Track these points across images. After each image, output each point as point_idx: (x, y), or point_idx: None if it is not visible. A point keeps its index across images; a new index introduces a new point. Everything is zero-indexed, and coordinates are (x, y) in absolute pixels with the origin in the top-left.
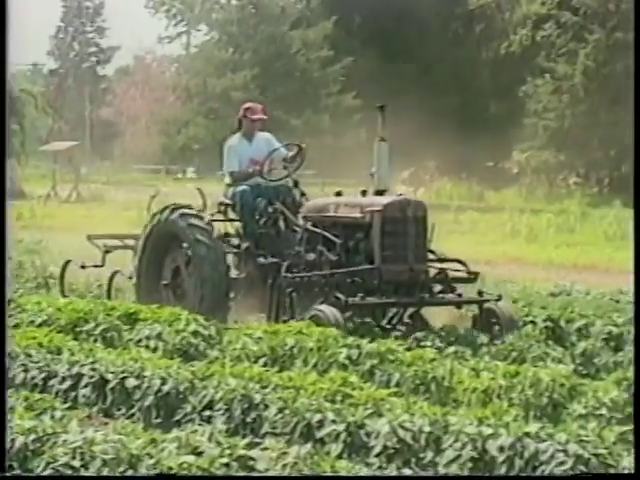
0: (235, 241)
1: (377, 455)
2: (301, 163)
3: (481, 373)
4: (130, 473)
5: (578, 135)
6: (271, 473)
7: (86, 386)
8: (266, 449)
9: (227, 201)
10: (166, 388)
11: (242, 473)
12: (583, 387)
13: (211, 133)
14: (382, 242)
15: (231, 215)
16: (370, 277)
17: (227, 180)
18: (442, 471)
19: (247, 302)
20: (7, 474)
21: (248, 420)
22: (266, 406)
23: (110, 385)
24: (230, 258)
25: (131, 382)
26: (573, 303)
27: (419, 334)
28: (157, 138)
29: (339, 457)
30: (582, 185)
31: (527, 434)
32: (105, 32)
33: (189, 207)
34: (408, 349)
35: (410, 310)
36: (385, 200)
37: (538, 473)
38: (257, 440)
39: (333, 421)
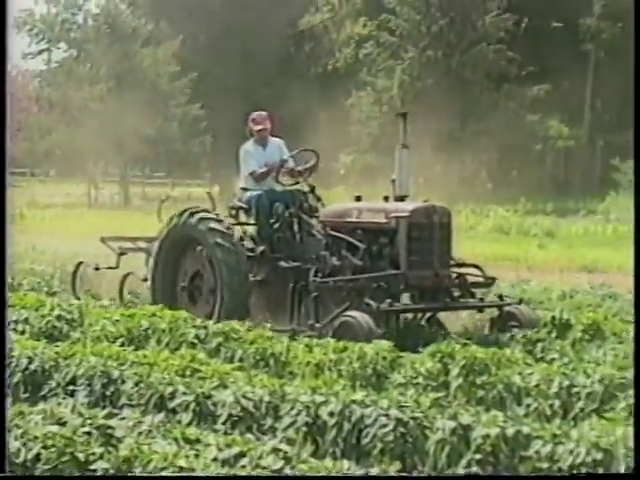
0: (248, 244)
1: (223, 423)
2: (315, 169)
3: (314, 349)
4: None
5: (396, 140)
6: (129, 440)
7: None
8: (123, 419)
9: (241, 205)
10: (33, 366)
11: (101, 440)
12: (402, 359)
13: (71, 140)
14: (408, 247)
15: (242, 219)
16: (396, 282)
17: (242, 184)
18: (280, 435)
19: (261, 305)
20: (7, 474)
21: (107, 393)
22: (123, 381)
23: None
24: None
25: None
26: None
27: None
28: (22, 144)
29: (189, 425)
30: None
31: (354, 401)
32: None
33: (207, 211)
34: (250, 329)
35: (427, 314)
36: (411, 206)
37: (364, 434)
38: (115, 411)
39: (183, 393)
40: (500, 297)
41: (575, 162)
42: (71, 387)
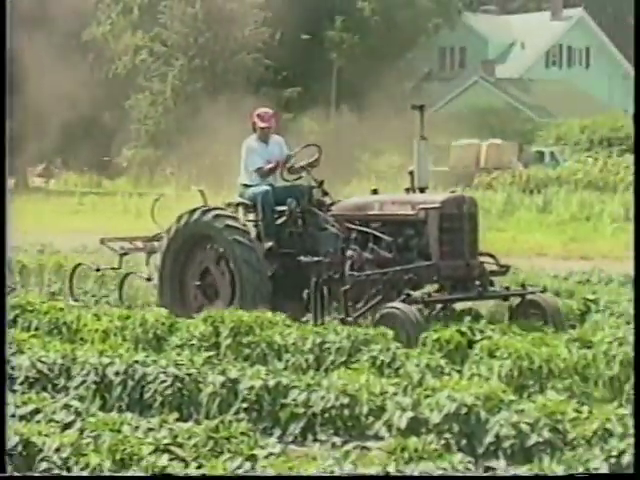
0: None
1: (21, 383)
2: (316, 163)
3: (102, 317)
4: None
5: (170, 136)
6: None
7: None
8: None
9: (243, 201)
10: None
11: None
12: (179, 324)
13: None
14: (440, 238)
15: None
16: (428, 273)
17: (244, 180)
18: (72, 393)
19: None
20: (7, 474)
21: None
22: None
23: None
24: None
25: None
26: None
27: None
28: None
29: None
30: (175, 174)
31: (137, 361)
32: None
33: (221, 208)
34: (44, 302)
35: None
36: (441, 197)
37: (146, 390)
38: None
39: None
40: (522, 286)
41: (326, 153)
42: None
